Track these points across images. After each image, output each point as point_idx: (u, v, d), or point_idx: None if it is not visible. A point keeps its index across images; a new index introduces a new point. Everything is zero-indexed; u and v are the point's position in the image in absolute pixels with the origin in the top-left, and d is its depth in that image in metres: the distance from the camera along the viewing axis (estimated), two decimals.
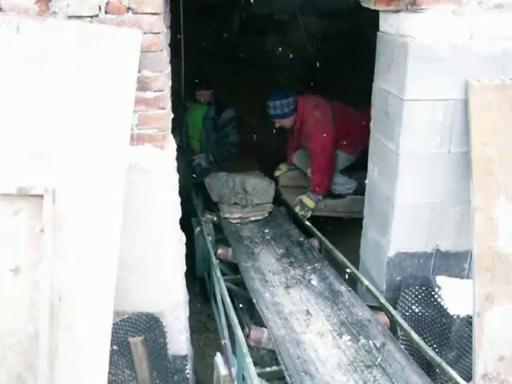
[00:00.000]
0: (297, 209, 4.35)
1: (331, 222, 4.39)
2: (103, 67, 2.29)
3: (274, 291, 3.15)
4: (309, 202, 4.32)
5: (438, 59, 2.71)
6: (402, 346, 2.65)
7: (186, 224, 4.19)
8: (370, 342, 2.63)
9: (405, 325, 2.70)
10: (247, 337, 2.64)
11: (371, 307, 2.93)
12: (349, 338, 2.68)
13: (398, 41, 2.81)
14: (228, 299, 2.96)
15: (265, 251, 3.74)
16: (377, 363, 2.48)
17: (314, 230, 3.86)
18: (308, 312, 2.92)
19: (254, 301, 3.00)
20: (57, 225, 2.20)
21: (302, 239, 3.84)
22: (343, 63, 5.44)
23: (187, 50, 4.90)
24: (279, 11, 6.02)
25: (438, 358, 2.46)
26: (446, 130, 2.84)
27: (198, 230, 4.01)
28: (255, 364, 2.43)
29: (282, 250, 3.72)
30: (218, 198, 4.43)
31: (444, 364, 2.41)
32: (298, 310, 2.95)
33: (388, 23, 2.97)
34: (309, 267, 3.42)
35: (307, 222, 4.01)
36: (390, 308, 2.83)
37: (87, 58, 2.28)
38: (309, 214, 4.34)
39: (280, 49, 5.91)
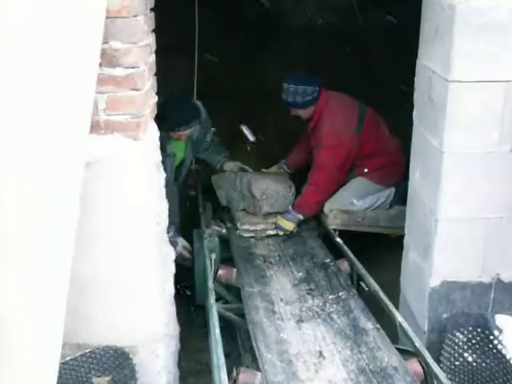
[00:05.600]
0: (274, 232, 4.34)
1: (372, 239, 4.40)
2: (53, 27, 2.31)
3: (281, 325, 3.18)
4: (286, 224, 4.29)
5: (497, 27, 2.67)
6: None
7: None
8: None
9: (442, 377, 2.66)
10: (234, 382, 2.68)
11: (403, 351, 2.93)
12: None
13: (444, 2, 2.78)
14: (217, 331, 3.02)
15: (279, 274, 3.78)
16: None
17: (345, 248, 3.88)
18: (321, 354, 2.93)
19: (252, 335, 3.04)
20: None
21: (327, 260, 3.87)
22: (397, 36, 5.38)
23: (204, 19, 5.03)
24: None
25: None
26: (506, 123, 2.81)
27: (198, 244, 4.09)
28: None
29: (301, 274, 3.76)
30: (226, 201, 4.52)
31: None
32: (309, 350, 2.96)
33: None
34: (331, 297, 3.44)
35: (338, 239, 4.02)
36: (426, 353, 2.81)
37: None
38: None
39: (323, 16, 5.92)
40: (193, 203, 4.73)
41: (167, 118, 3.56)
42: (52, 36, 2.31)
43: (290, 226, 4.30)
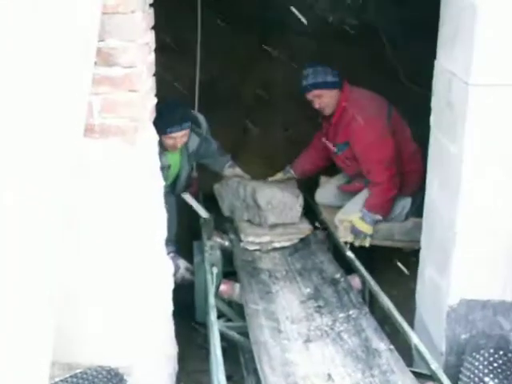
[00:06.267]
0: (349, 238, 4.33)
1: (386, 253, 4.37)
2: (43, 23, 2.27)
3: (287, 345, 3.14)
4: (363, 225, 4.29)
5: None
6: None
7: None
8: None
9: None
10: None
11: (419, 375, 2.89)
12: None
13: (466, 0, 2.74)
14: (218, 351, 2.98)
15: (286, 290, 3.75)
16: None
17: (357, 263, 3.84)
18: (330, 376, 2.89)
19: (256, 356, 3.00)
20: None
21: (338, 276, 3.83)
22: (422, 32, 5.37)
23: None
24: None
25: None
26: None
27: (199, 258, 4.06)
28: None
29: (309, 290, 3.73)
30: (229, 211, 4.50)
31: None
32: (317, 372, 2.92)
33: None
34: (341, 315, 3.40)
35: (349, 253, 3.98)
36: (443, 377, 2.77)
37: None
38: (367, 242, 4.34)
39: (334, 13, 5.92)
40: (193, 213, 4.71)
41: (158, 121, 3.33)
42: (42, 33, 2.28)
43: (367, 228, 4.28)
